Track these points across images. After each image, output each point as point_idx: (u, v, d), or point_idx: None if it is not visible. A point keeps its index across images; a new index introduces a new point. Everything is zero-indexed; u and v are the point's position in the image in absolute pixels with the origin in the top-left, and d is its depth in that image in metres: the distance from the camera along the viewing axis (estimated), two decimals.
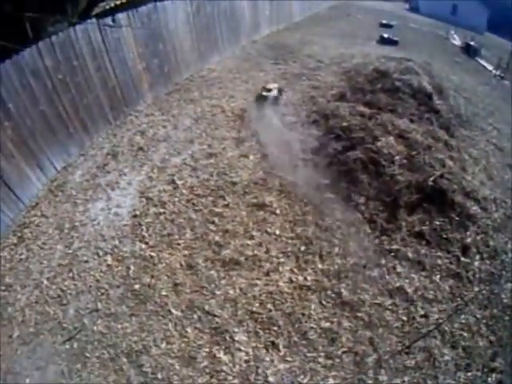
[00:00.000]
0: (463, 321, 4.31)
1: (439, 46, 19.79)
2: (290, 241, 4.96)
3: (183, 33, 9.08)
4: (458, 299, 4.51)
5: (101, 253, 4.83)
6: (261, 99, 7.69)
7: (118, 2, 13.69)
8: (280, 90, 8.06)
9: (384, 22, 21.45)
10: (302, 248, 4.89)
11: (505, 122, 10.13)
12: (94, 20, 6.38)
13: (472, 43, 20.07)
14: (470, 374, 3.87)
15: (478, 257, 4.97)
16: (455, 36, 23.46)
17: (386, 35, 16.15)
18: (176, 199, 5.49)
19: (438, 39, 22.18)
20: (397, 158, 5.83)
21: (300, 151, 6.33)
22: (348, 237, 5.07)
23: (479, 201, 5.61)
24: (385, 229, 5.18)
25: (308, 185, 5.74)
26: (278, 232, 5.05)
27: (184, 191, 5.61)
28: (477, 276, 4.78)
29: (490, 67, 17.54)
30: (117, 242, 4.93)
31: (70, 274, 4.60)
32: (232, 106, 7.82)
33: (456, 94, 10.50)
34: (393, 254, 4.90)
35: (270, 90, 7.81)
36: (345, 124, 6.56)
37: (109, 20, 6.68)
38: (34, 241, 5.02)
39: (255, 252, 4.78)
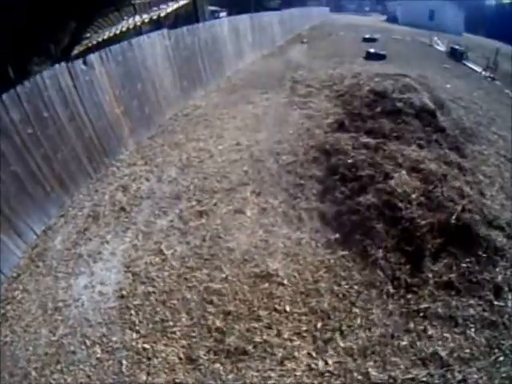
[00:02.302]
0: (504, 374, 3.60)
1: (425, 54, 19.58)
2: (303, 317, 4.16)
3: (163, 69, 8.55)
4: (496, 350, 3.80)
5: (88, 342, 4.06)
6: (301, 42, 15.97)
7: (99, 39, 13.58)
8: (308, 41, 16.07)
9: (367, 36, 21.50)
10: (319, 325, 4.09)
11: (506, 127, 9.68)
12: (62, 64, 5.81)
13: (457, 47, 19.98)
14: None
15: (511, 296, 4.28)
16: (439, 42, 23.37)
17: (372, 50, 15.85)
18: (166, 274, 4.70)
19: (422, 47, 22.06)
20: (413, 196, 5.12)
21: (303, 199, 5.57)
22: (370, 302, 4.29)
23: (503, 228, 4.96)
24: (410, 285, 4.40)
25: (316, 242, 4.95)
26: (288, 308, 4.24)
27: (174, 263, 4.82)
28: None
29: (478, 69, 17.39)
30: (104, 330, 4.16)
31: (59, 367, 3.87)
32: (220, 150, 7.12)
33: (455, 104, 10.06)
34: (422, 313, 4.14)
35: (304, 39, 15.55)
36: (350, 161, 5.85)
37: (80, 63, 6.10)
38: (17, 321, 4.36)
39: (264, 337, 3.96)
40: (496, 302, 4.20)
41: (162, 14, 16.67)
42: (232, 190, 5.85)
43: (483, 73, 16.51)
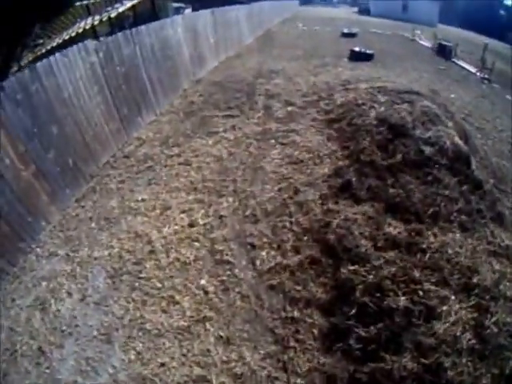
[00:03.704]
0: None
1: (412, 51, 17.60)
2: None
3: (90, 97, 5.93)
4: None
5: None
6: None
7: (49, 47, 11.39)
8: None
9: (346, 31, 19.52)
10: None
11: None
12: None
13: (445, 43, 18.20)
14: None
15: None
16: (422, 36, 21.49)
17: (357, 49, 13.73)
18: None
19: (406, 43, 20.10)
20: (464, 341, 2.95)
21: (298, 350, 3.22)
22: None
23: None
24: None
25: None
26: None
27: None
28: None
29: (471, 69, 15.72)
30: None
31: None
32: (166, 238, 4.54)
33: (467, 124, 8.06)
34: None
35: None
36: (371, 277, 3.44)
37: None
38: None
39: None
40: None
41: (113, 15, 14.58)
42: (186, 333, 3.43)
43: (478, 74, 14.82)
